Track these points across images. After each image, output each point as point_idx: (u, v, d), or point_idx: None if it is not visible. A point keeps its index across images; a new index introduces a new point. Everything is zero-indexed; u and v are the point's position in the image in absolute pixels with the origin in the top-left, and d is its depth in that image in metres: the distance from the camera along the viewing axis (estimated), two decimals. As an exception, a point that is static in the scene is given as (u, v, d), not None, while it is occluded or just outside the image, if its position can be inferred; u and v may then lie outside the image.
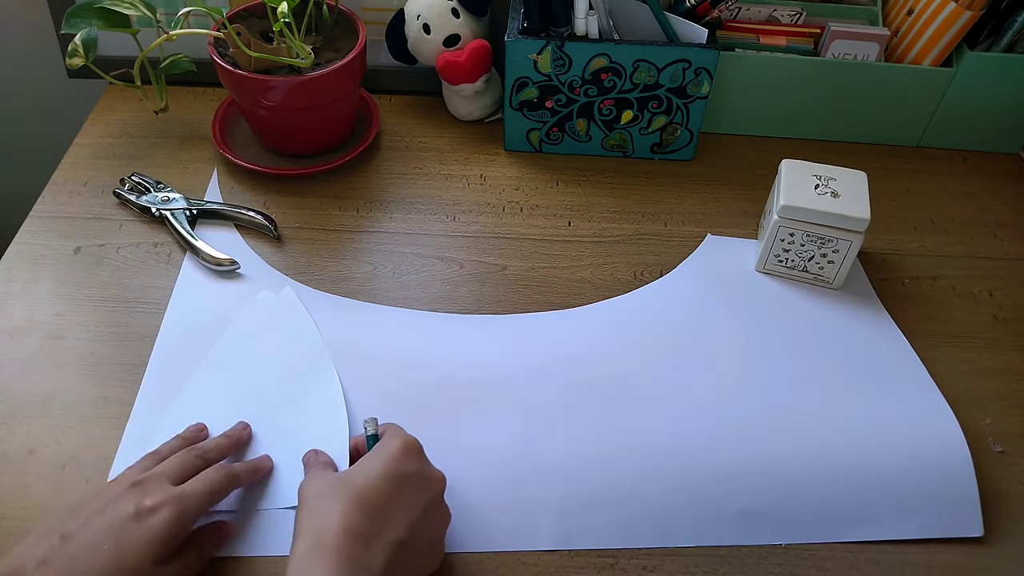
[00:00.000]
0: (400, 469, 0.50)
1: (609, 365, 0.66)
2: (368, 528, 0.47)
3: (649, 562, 0.56)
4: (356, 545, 0.46)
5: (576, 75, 0.79)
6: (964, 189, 0.85)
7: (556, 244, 0.77)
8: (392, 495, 0.49)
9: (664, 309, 0.71)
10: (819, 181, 0.70)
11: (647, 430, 0.61)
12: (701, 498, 0.58)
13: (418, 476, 0.51)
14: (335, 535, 0.46)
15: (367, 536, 0.47)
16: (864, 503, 0.58)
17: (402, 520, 0.49)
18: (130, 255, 0.73)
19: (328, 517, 0.47)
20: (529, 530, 0.56)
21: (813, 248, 0.70)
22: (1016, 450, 0.63)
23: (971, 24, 0.79)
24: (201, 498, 0.51)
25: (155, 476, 0.52)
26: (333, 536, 0.46)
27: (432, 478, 0.52)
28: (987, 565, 0.57)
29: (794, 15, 0.86)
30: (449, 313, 0.70)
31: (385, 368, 0.65)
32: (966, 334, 0.71)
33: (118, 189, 0.78)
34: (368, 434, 0.56)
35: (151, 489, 0.50)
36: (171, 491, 0.50)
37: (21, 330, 0.66)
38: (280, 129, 0.81)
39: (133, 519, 0.48)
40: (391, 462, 0.51)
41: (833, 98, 0.85)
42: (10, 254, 0.73)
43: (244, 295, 0.70)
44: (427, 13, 0.82)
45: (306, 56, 0.75)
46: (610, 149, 0.85)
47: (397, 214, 0.79)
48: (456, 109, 0.88)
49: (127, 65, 0.78)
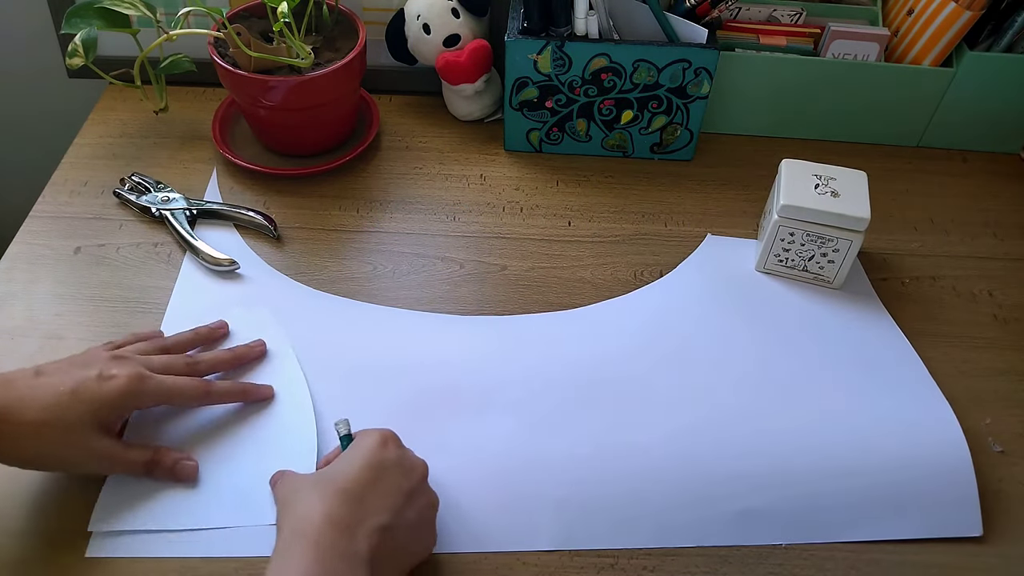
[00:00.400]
0: (378, 458, 0.51)
1: (609, 365, 0.66)
2: (350, 517, 0.48)
3: (649, 562, 0.56)
4: (339, 534, 0.47)
5: (576, 75, 0.79)
6: (964, 189, 0.85)
7: (556, 244, 0.77)
8: (372, 483, 0.50)
9: (664, 309, 0.71)
10: (819, 181, 0.70)
11: (647, 430, 0.61)
12: (701, 498, 0.58)
13: (398, 463, 0.52)
14: (316, 525, 0.47)
15: (350, 525, 0.47)
16: (864, 503, 0.58)
17: (385, 506, 0.49)
18: (130, 255, 0.73)
19: (308, 509, 0.48)
20: (529, 530, 0.56)
21: (813, 248, 0.70)
22: (1016, 450, 0.63)
23: (971, 24, 0.79)
24: (160, 389, 0.56)
25: (135, 358, 0.57)
26: (314, 526, 0.47)
27: (413, 463, 0.53)
28: (987, 565, 0.57)
29: (794, 15, 0.86)
30: (449, 314, 0.70)
31: (385, 369, 0.65)
32: (966, 334, 0.71)
33: (118, 189, 0.78)
34: (341, 435, 0.56)
35: (124, 363, 0.55)
36: (136, 370, 0.55)
37: (21, 330, 0.66)
38: (280, 129, 0.81)
39: (95, 379, 0.53)
40: (369, 452, 0.51)
41: (833, 98, 0.85)
42: (10, 254, 0.73)
43: (244, 295, 0.70)
44: (427, 13, 0.82)
45: (306, 56, 0.75)
46: (610, 149, 0.85)
47: (397, 214, 0.79)
48: (456, 109, 0.88)
49: (127, 65, 0.78)
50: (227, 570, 0.54)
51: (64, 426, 0.52)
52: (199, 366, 0.60)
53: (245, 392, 0.61)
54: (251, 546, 0.54)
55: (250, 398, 0.61)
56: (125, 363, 0.56)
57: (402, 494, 0.50)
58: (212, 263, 0.71)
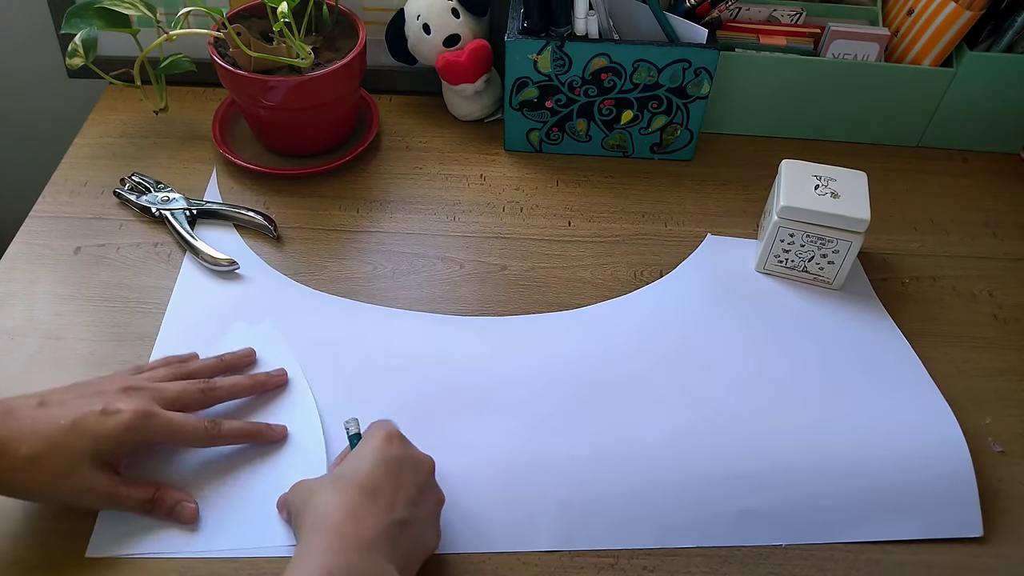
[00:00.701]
0: (388, 454, 0.51)
1: (609, 366, 0.66)
2: (368, 510, 0.48)
3: (649, 562, 0.56)
4: (359, 527, 0.47)
5: (576, 75, 0.79)
6: (964, 189, 0.85)
7: (556, 244, 0.77)
8: (386, 478, 0.50)
9: (664, 309, 0.71)
10: (819, 181, 0.70)
11: (647, 430, 0.61)
12: (701, 499, 0.58)
13: (407, 459, 0.52)
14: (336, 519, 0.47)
15: (369, 518, 0.47)
16: (864, 503, 0.58)
17: (400, 501, 0.49)
18: (130, 255, 0.73)
19: (326, 506, 0.48)
20: (529, 530, 0.56)
21: (813, 248, 0.70)
22: (1016, 450, 0.63)
23: (971, 24, 0.79)
24: (164, 428, 0.54)
25: (148, 391, 0.55)
26: (333, 520, 0.47)
27: (420, 459, 0.53)
28: (987, 565, 0.57)
29: (794, 15, 0.86)
30: (449, 314, 0.70)
31: (384, 369, 0.65)
32: (966, 334, 0.71)
33: (118, 189, 0.78)
34: (351, 434, 0.56)
35: (132, 396, 0.54)
36: (144, 406, 0.53)
37: (21, 330, 0.66)
38: (280, 129, 0.81)
39: (97, 414, 0.52)
40: (378, 449, 0.51)
41: (833, 98, 0.85)
42: (10, 254, 0.73)
43: (244, 295, 0.70)
44: (427, 13, 0.82)
45: (306, 56, 0.75)
46: (610, 149, 0.85)
47: (397, 214, 0.79)
48: (456, 109, 0.88)
49: (127, 65, 0.78)
50: (227, 570, 0.54)
51: (60, 460, 0.50)
52: (215, 392, 0.58)
53: (257, 433, 0.58)
54: (252, 546, 0.54)
55: (261, 440, 0.58)
56: (134, 396, 0.54)
57: (415, 488, 0.51)
58: (212, 263, 0.71)
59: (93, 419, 0.52)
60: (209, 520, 0.55)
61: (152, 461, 0.57)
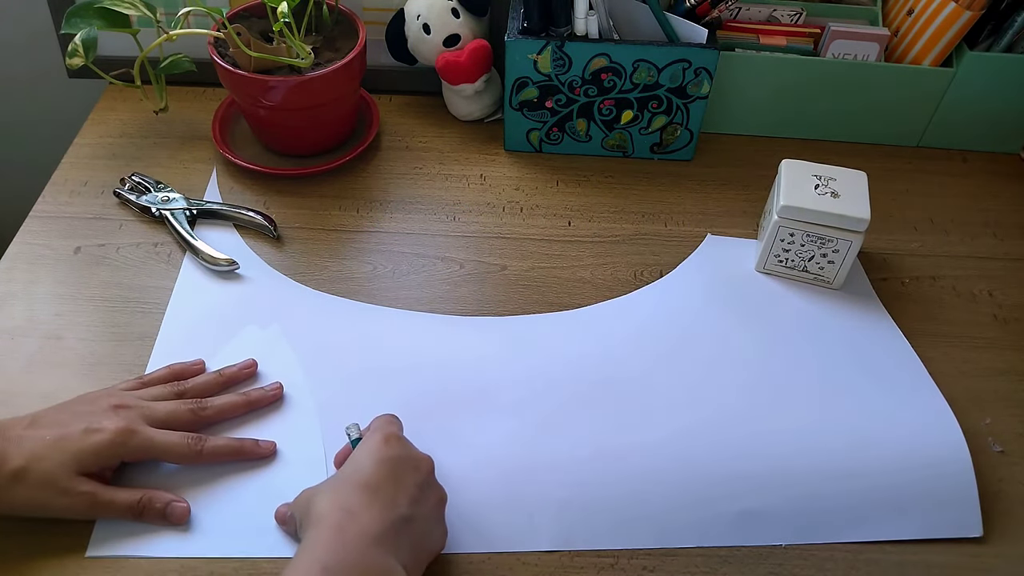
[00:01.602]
0: (387, 454, 0.52)
1: (609, 366, 0.66)
2: (372, 509, 0.48)
3: (649, 562, 0.56)
4: (363, 524, 0.47)
5: (576, 75, 0.79)
6: (964, 189, 0.85)
7: (556, 244, 0.77)
8: (386, 477, 0.50)
9: (664, 309, 0.71)
10: (819, 181, 0.70)
11: (647, 430, 0.61)
12: (701, 499, 0.58)
13: (407, 458, 0.52)
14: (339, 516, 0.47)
15: (373, 516, 0.48)
16: (864, 503, 0.58)
17: (403, 499, 0.50)
18: (130, 255, 0.73)
19: (328, 506, 0.48)
20: (529, 530, 0.56)
21: (813, 248, 0.70)
22: (1016, 450, 0.63)
23: (971, 24, 0.79)
24: (147, 445, 0.55)
25: (137, 409, 0.56)
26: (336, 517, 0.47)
27: (419, 459, 0.53)
28: (987, 565, 0.57)
29: (794, 15, 0.86)
30: (449, 314, 0.70)
31: (384, 369, 0.65)
32: (966, 334, 0.71)
33: (118, 189, 0.78)
34: (352, 439, 0.56)
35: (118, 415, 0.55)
36: (126, 425, 0.54)
37: (21, 330, 0.66)
38: (280, 129, 0.81)
39: (80, 433, 0.53)
40: (377, 450, 0.52)
41: (833, 98, 0.85)
42: (10, 254, 0.73)
43: (244, 295, 0.70)
44: (427, 13, 0.82)
45: (306, 56, 0.75)
46: (610, 149, 0.85)
47: (397, 214, 0.79)
48: (456, 109, 0.88)
49: (127, 65, 0.78)
50: (227, 570, 0.54)
51: (43, 471, 0.51)
52: (206, 413, 0.58)
53: (242, 450, 0.58)
54: (251, 546, 0.54)
55: (247, 456, 0.58)
56: (121, 414, 0.55)
57: (416, 487, 0.51)
58: (212, 263, 0.71)
59: (76, 436, 0.53)
60: (209, 523, 0.55)
61: (145, 469, 0.57)
